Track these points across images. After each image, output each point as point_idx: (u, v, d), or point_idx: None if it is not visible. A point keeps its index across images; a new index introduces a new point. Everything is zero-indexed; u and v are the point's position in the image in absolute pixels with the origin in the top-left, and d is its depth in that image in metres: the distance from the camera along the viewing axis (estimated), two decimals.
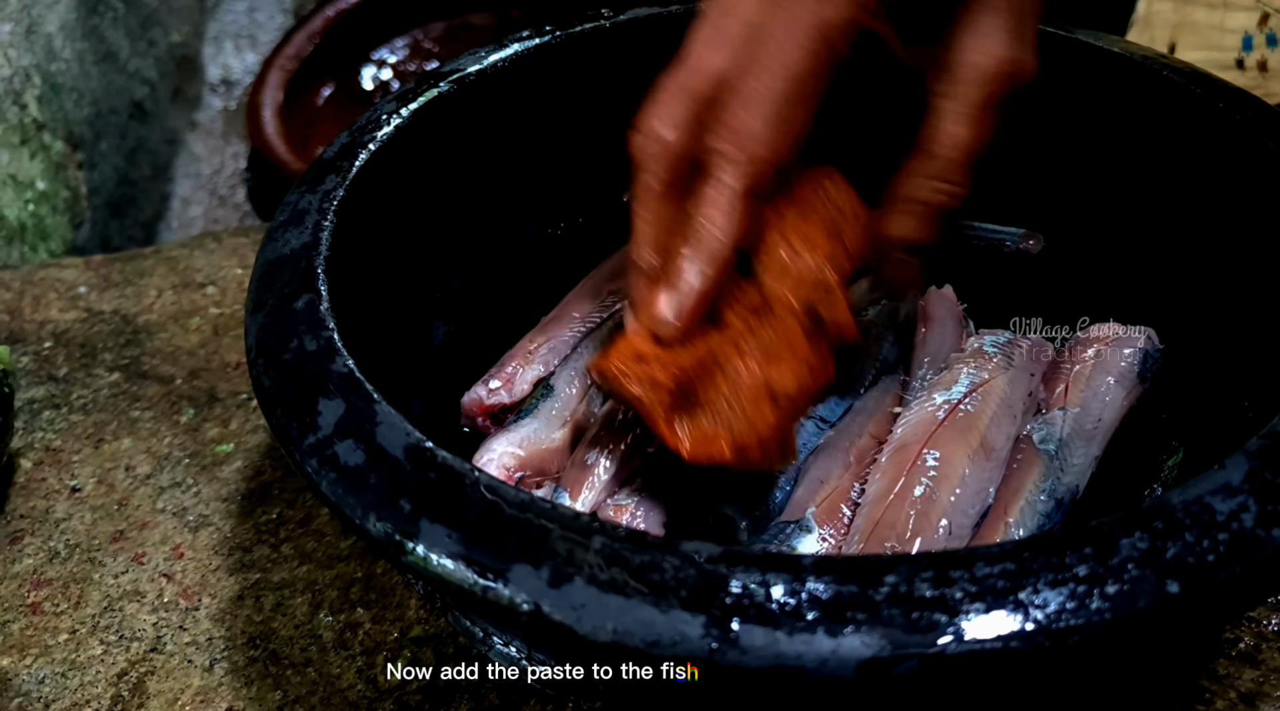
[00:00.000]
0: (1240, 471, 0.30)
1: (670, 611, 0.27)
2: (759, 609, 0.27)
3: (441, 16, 1.11)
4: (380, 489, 0.31)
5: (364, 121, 0.48)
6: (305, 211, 0.43)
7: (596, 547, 0.29)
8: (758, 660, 0.26)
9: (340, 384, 0.35)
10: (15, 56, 0.85)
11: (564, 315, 0.53)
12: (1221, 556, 0.28)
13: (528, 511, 0.30)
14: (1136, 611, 0.27)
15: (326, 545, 0.52)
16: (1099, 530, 0.28)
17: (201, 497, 0.56)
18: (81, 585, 0.52)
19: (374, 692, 0.46)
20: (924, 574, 0.27)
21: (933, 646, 0.26)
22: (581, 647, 0.28)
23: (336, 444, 0.33)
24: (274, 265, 0.41)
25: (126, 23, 1.11)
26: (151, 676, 0.48)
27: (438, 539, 0.30)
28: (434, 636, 0.47)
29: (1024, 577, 0.27)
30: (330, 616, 0.49)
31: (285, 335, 0.37)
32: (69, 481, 0.58)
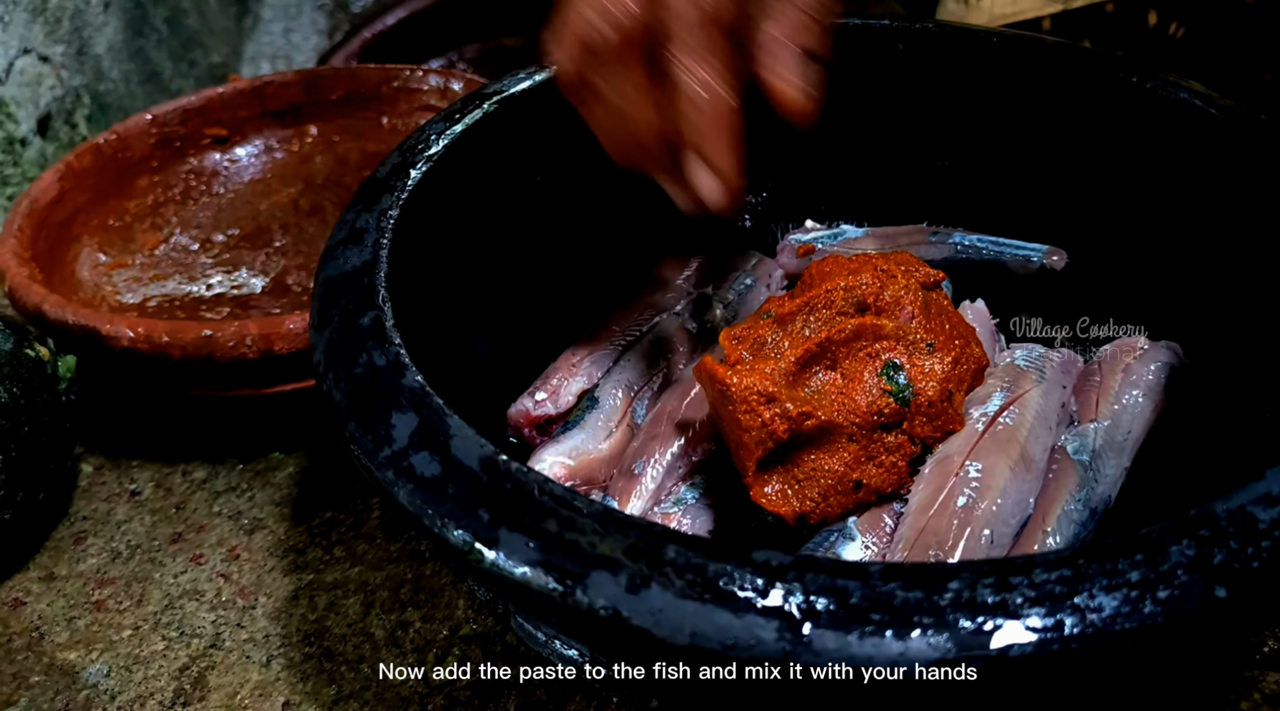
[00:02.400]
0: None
1: (745, 616, 0.29)
2: (830, 613, 0.29)
3: (475, 39, 1.14)
4: (459, 499, 0.33)
5: (413, 140, 0.51)
6: (364, 230, 0.46)
7: (670, 556, 0.30)
8: (830, 661, 0.28)
9: (411, 397, 0.37)
10: (67, 77, 0.89)
11: (605, 329, 0.55)
12: (1265, 563, 0.29)
13: (604, 520, 0.32)
14: (1187, 614, 0.28)
15: (377, 547, 0.55)
16: (1149, 538, 0.30)
17: (255, 502, 0.59)
18: (143, 584, 0.55)
19: (425, 689, 0.48)
20: (986, 580, 0.29)
21: (995, 648, 0.28)
22: (660, 651, 0.30)
23: (413, 455, 0.35)
24: (335, 282, 0.43)
25: (170, 44, 1.14)
26: (211, 671, 0.50)
27: (517, 547, 0.32)
28: (482, 635, 0.50)
29: (1080, 583, 0.29)
30: (382, 615, 0.51)
31: (354, 350, 0.39)
32: (129, 485, 0.61)
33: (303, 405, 0.60)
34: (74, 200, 0.70)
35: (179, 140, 0.77)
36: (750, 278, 0.58)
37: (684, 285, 0.58)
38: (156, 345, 0.56)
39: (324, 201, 0.76)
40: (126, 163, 0.75)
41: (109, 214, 0.73)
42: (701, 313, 0.56)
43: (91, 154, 0.72)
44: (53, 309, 0.58)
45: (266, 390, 0.59)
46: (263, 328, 0.56)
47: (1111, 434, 0.47)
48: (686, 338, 0.55)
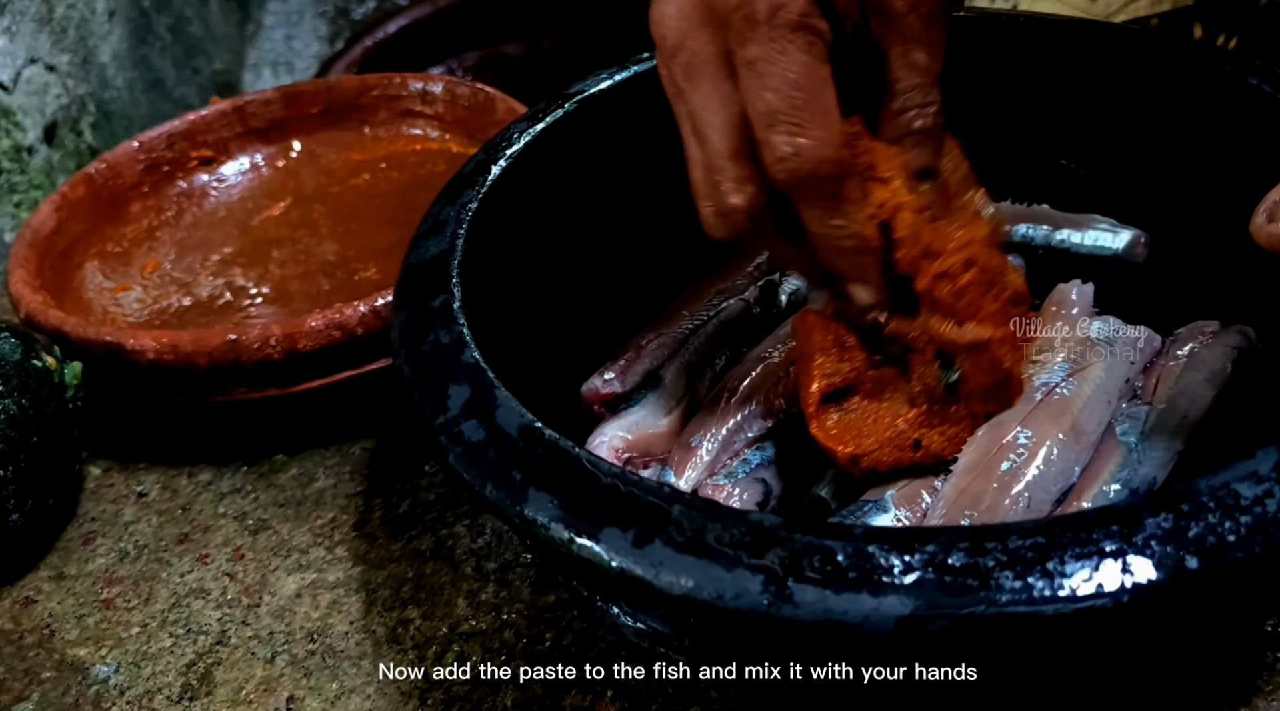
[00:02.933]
0: (1270, 461, 0.33)
1: (735, 569, 0.33)
2: (812, 570, 0.32)
3: (476, 46, 1.18)
4: (497, 461, 0.38)
5: (498, 139, 0.56)
6: (445, 222, 0.51)
7: (675, 515, 0.35)
8: (808, 614, 0.32)
9: (467, 372, 0.42)
10: (72, 86, 0.92)
11: (675, 314, 0.60)
12: (1242, 537, 0.31)
13: (619, 482, 0.36)
14: (1155, 584, 0.31)
15: (379, 547, 0.57)
16: (1127, 509, 0.33)
17: (260, 503, 0.61)
18: (150, 583, 0.57)
19: (425, 684, 0.50)
20: (961, 544, 0.32)
21: (964, 608, 0.31)
22: (659, 599, 0.34)
23: (463, 423, 0.40)
24: (415, 270, 0.49)
25: (173, 52, 1.17)
26: (218, 667, 0.52)
27: (542, 504, 0.36)
28: (481, 632, 0.52)
29: (1052, 550, 0.32)
30: (383, 613, 0.54)
31: (423, 330, 0.45)
32: (136, 487, 0.63)
33: (321, 403, 0.64)
34: (72, 229, 0.76)
35: (167, 164, 0.83)
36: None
37: (753, 271, 0.62)
38: (183, 355, 0.60)
39: (314, 212, 0.82)
40: (118, 190, 0.80)
41: (107, 240, 0.79)
42: (768, 298, 0.60)
43: (84, 184, 0.78)
44: (75, 329, 0.64)
45: (292, 389, 0.63)
46: (286, 328, 0.62)
47: (1165, 417, 0.50)
48: (751, 321, 0.59)
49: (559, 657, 0.51)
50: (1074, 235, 0.59)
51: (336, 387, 0.63)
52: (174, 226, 0.80)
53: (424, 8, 1.17)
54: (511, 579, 0.55)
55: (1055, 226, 0.60)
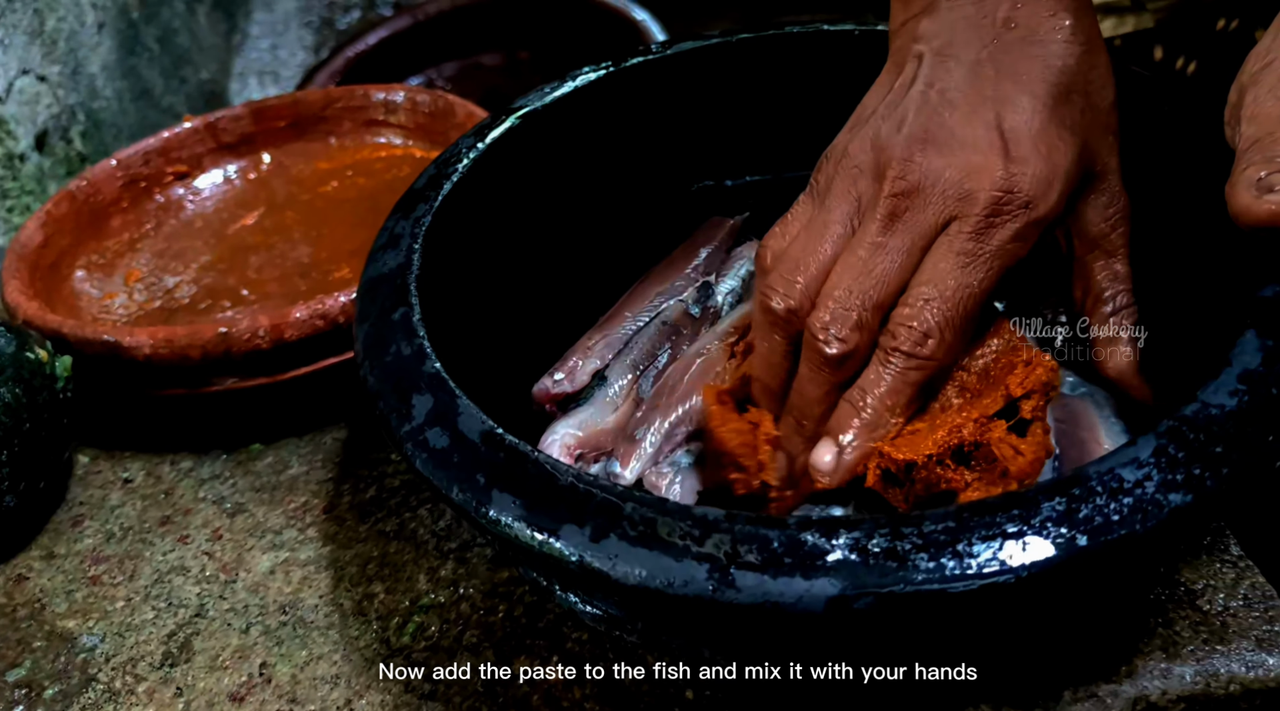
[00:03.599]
0: (1149, 448, 0.36)
1: (683, 560, 0.35)
2: (751, 557, 0.35)
3: (454, 57, 1.21)
4: (461, 466, 0.40)
5: (448, 154, 0.58)
6: (400, 236, 0.53)
7: (628, 511, 0.37)
8: (749, 597, 0.35)
9: (429, 382, 0.44)
10: (63, 95, 0.95)
11: (618, 316, 0.62)
12: (1125, 516, 0.35)
13: (576, 483, 0.38)
14: (1050, 560, 0.34)
15: (347, 529, 0.61)
16: (1025, 496, 0.36)
17: (237, 488, 0.65)
18: (134, 561, 0.61)
19: (386, 651, 0.54)
20: (882, 530, 0.35)
21: (885, 587, 0.34)
22: (615, 589, 0.36)
23: (427, 430, 0.42)
24: (374, 282, 0.50)
25: (161, 62, 1.20)
26: (196, 637, 0.56)
27: (505, 505, 0.38)
28: (439, 605, 0.56)
29: (962, 533, 0.35)
30: (350, 588, 0.58)
31: (386, 342, 0.46)
32: (122, 474, 0.67)
33: (306, 392, 0.66)
34: (58, 243, 0.77)
35: (144, 180, 0.84)
36: (751, 265, 0.64)
37: (691, 274, 0.64)
38: (178, 348, 0.63)
39: (286, 219, 0.83)
40: (99, 205, 0.82)
41: (91, 252, 0.80)
42: (705, 298, 0.63)
43: (67, 201, 0.79)
44: (73, 330, 0.65)
45: (281, 377, 0.65)
46: (273, 318, 0.63)
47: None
48: (690, 321, 0.61)
49: (511, 627, 0.53)
50: None
51: (321, 375, 0.65)
52: (154, 237, 0.82)
53: (404, 20, 1.21)
54: (469, 557, 0.58)
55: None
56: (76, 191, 0.79)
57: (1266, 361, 0.38)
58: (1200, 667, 0.46)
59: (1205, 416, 0.37)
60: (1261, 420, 0.37)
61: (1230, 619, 0.48)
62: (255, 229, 0.81)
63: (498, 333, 0.59)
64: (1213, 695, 0.46)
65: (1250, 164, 0.41)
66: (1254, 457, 0.36)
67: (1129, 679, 0.46)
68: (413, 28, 1.18)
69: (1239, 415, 0.37)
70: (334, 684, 0.53)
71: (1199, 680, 0.46)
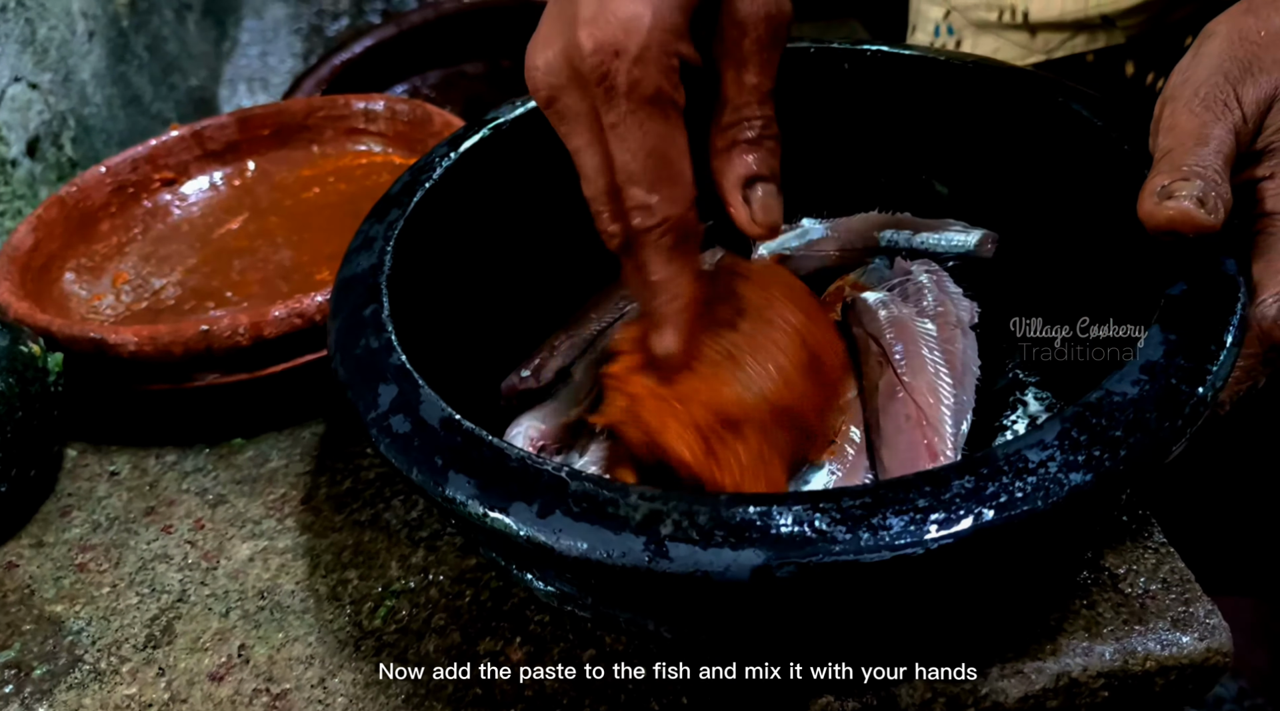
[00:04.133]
0: (1054, 431, 0.40)
1: (622, 533, 0.39)
2: (685, 531, 0.38)
3: (438, 66, 1.24)
4: (421, 449, 0.44)
5: (422, 162, 0.62)
6: (374, 238, 0.57)
7: (572, 489, 0.40)
8: (681, 568, 0.38)
9: (395, 372, 0.47)
10: (54, 102, 0.98)
11: (584, 318, 0.66)
12: (1028, 493, 0.38)
13: (525, 464, 0.42)
14: (957, 534, 0.37)
15: (324, 519, 0.64)
16: (938, 473, 0.39)
17: (219, 480, 0.68)
18: (120, 549, 0.64)
19: (359, 632, 0.57)
20: (803, 506, 0.38)
21: (805, 557, 0.37)
22: (560, 562, 0.40)
23: (391, 417, 0.45)
24: (348, 282, 0.54)
25: (150, 69, 1.24)
26: (178, 620, 0.60)
27: (460, 485, 0.42)
28: (409, 590, 0.59)
29: (877, 508, 0.38)
30: (325, 575, 0.61)
31: (356, 336, 0.50)
32: (109, 467, 0.70)
33: (286, 387, 0.70)
34: (48, 247, 0.80)
35: (132, 186, 0.88)
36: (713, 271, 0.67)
37: None
38: (161, 346, 0.66)
39: (269, 224, 0.86)
40: (89, 210, 0.85)
41: (80, 256, 0.83)
42: None
43: (57, 206, 0.83)
44: (62, 328, 0.68)
45: (260, 373, 0.69)
46: (252, 316, 0.66)
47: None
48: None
49: (476, 611, 0.56)
50: (931, 237, 0.65)
51: (298, 371, 0.68)
52: (141, 242, 0.85)
53: (389, 29, 1.24)
54: (439, 546, 0.61)
55: (916, 231, 0.66)
56: (67, 197, 0.83)
57: (1168, 354, 0.42)
58: (1119, 646, 0.50)
59: (1108, 403, 0.40)
60: (1159, 407, 0.40)
61: (1149, 601, 0.51)
62: (240, 233, 0.85)
63: (471, 333, 0.62)
64: (1130, 671, 0.49)
65: (1158, 173, 0.45)
66: (1151, 441, 0.39)
67: (1053, 656, 0.50)
68: (397, 36, 1.21)
69: (1139, 402, 0.40)
70: (309, 664, 0.56)
71: (1118, 657, 0.49)
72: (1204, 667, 0.49)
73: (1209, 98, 0.46)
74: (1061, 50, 0.79)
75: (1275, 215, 0.45)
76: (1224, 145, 0.45)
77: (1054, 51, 0.79)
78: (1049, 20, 0.77)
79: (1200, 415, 0.41)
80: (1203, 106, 0.46)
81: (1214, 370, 0.41)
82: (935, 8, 0.85)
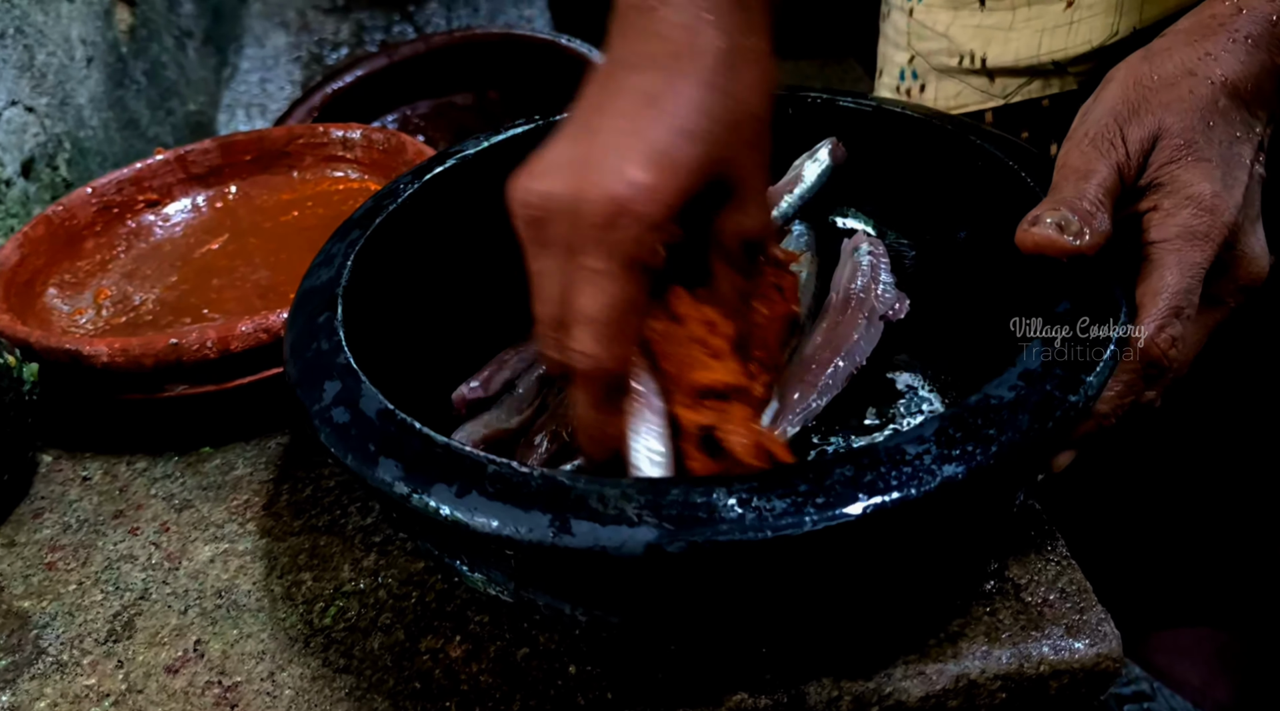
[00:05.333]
0: (932, 428, 0.44)
1: (530, 511, 0.43)
2: (587, 510, 0.43)
3: (428, 96, 1.30)
4: (357, 438, 0.48)
5: (387, 189, 0.68)
6: (335, 256, 0.62)
7: (490, 472, 0.45)
8: (581, 543, 0.42)
9: (340, 370, 0.53)
10: (50, 125, 1.04)
11: (533, 335, 0.69)
12: (902, 482, 0.42)
13: (449, 450, 0.46)
14: (835, 516, 0.41)
15: (283, 524, 0.69)
16: (821, 462, 0.43)
17: (187, 486, 0.73)
18: (88, 549, 0.68)
19: (309, 630, 0.61)
20: (698, 488, 0.43)
21: (696, 535, 0.41)
22: (474, 538, 0.44)
23: (333, 409, 0.50)
24: (307, 294, 0.60)
25: (148, 94, 1.29)
26: (139, 617, 0.64)
27: (389, 469, 0.46)
28: (359, 591, 0.63)
29: (763, 492, 0.42)
30: (281, 576, 0.65)
31: (309, 341, 0.55)
32: (81, 472, 0.75)
33: (253, 399, 0.75)
34: (33, 264, 0.86)
35: (117, 207, 0.94)
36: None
37: None
38: (132, 357, 0.71)
39: (249, 245, 0.92)
40: (74, 229, 0.91)
41: (64, 272, 0.89)
42: None
43: (44, 225, 0.89)
44: (40, 340, 0.74)
45: (227, 385, 0.74)
46: (220, 331, 0.72)
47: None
48: None
49: (421, 610, 0.61)
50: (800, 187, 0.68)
51: (264, 384, 0.73)
52: (123, 260, 0.91)
53: (380, 60, 1.29)
54: (391, 550, 0.65)
55: (790, 186, 0.69)
56: (53, 216, 0.88)
57: (1046, 364, 0.46)
58: (1016, 651, 0.53)
59: (985, 405, 0.44)
60: (1033, 410, 0.44)
61: (1047, 609, 0.55)
62: (220, 253, 0.90)
63: (427, 347, 0.68)
64: (1025, 674, 0.53)
65: (1039, 205, 0.49)
66: (1022, 439, 0.44)
67: (954, 659, 0.53)
68: (388, 68, 1.27)
69: (1013, 405, 0.44)
70: (260, 659, 0.60)
71: (1014, 661, 0.53)
72: (1095, 672, 0.53)
73: (1097, 137, 0.51)
74: (1019, 95, 0.83)
75: (1156, 243, 0.50)
76: (1106, 179, 0.50)
77: (1011, 96, 0.84)
78: (1005, 66, 0.82)
79: (1073, 420, 0.44)
80: (1090, 145, 0.51)
81: (1088, 380, 0.45)
82: (900, 53, 0.90)
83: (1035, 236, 0.49)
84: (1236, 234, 0.51)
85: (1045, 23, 0.77)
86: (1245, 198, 0.51)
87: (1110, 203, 0.50)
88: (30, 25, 1.02)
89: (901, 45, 0.89)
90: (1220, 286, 0.52)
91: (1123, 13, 0.73)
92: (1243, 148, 0.52)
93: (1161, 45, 0.54)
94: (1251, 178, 0.52)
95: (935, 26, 0.85)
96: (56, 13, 1.08)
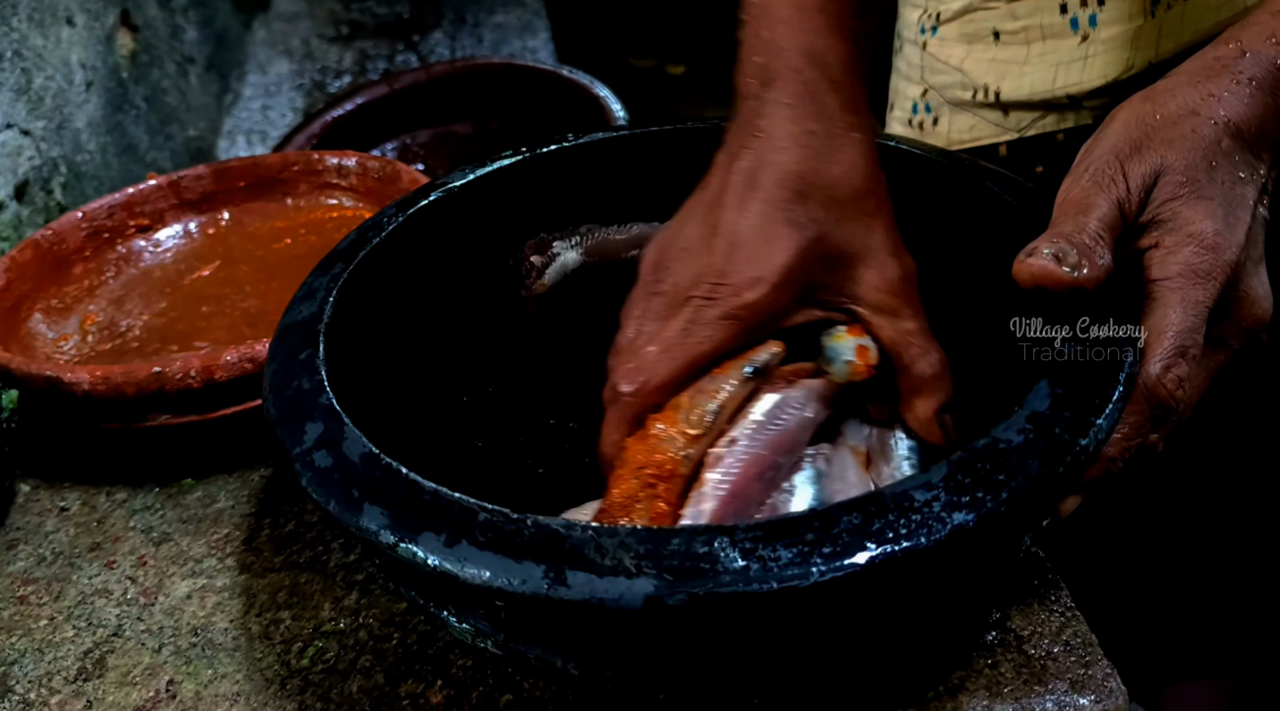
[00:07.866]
0: (940, 474, 0.42)
1: (523, 561, 0.40)
2: (584, 560, 0.40)
3: (428, 125, 1.29)
4: (340, 483, 0.46)
5: (371, 222, 0.65)
6: (317, 290, 0.59)
7: (479, 520, 0.42)
8: (577, 595, 0.39)
9: (322, 411, 0.50)
10: (45, 148, 1.02)
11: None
12: (911, 530, 0.40)
13: (437, 496, 0.44)
14: (843, 566, 0.39)
15: (263, 560, 0.66)
16: (827, 511, 0.41)
17: (166, 519, 0.70)
18: (62, 583, 0.66)
19: (286, 671, 0.59)
20: (700, 537, 0.40)
21: (697, 587, 0.39)
22: (464, 589, 0.41)
23: (315, 453, 0.47)
24: (288, 328, 0.57)
25: (148, 119, 1.28)
26: (111, 654, 0.61)
27: (374, 516, 0.44)
28: (339, 631, 0.61)
29: (768, 541, 0.40)
30: (259, 614, 0.63)
31: (290, 377, 0.52)
32: (59, 503, 0.72)
33: (237, 430, 0.72)
34: (19, 288, 0.84)
35: (107, 232, 0.92)
36: None
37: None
38: (114, 385, 0.69)
39: (240, 272, 0.90)
40: (63, 253, 0.89)
41: (51, 297, 0.87)
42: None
43: (32, 249, 0.86)
44: (20, 366, 0.71)
45: (211, 415, 0.71)
46: (204, 360, 0.69)
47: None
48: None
49: (402, 652, 0.58)
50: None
51: (249, 414, 0.70)
52: (112, 285, 0.88)
53: (381, 88, 1.28)
54: (373, 589, 0.62)
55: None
56: (42, 240, 0.86)
57: (1053, 406, 0.44)
58: (1018, 705, 0.51)
59: (994, 449, 0.42)
60: (1042, 454, 0.42)
61: (1051, 662, 0.52)
62: (210, 280, 0.88)
63: (412, 386, 0.65)
64: None
65: (1038, 239, 0.47)
66: (1032, 485, 0.41)
67: None
68: (388, 96, 1.26)
69: (1023, 449, 0.42)
70: (234, 701, 0.58)
71: None
72: None
73: (1098, 173, 0.50)
74: (1033, 129, 0.82)
75: (1158, 281, 0.48)
76: (1105, 214, 0.48)
77: (1026, 130, 0.82)
78: (1019, 99, 0.80)
79: (1082, 464, 0.42)
80: (1091, 181, 0.50)
81: (1098, 423, 0.43)
82: (913, 86, 0.88)
83: (1032, 268, 0.47)
84: (1239, 274, 0.49)
85: (1060, 57, 0.76)
86: (1248, 238, 0.50)
87: (1111, 238, 0.48)
88: (29, 48, 1.01)
89: (914, 79, 0.88)
90: (1223, 328, 0.51)
91: (1138, 48, 0.72)
92: (1246, 189, 0.51)
93: (1165, 86, 0.53)
94: (1254, 219, 0.50)
95: (949, 60, 0.83)
96: (57, 36, 1.06)
